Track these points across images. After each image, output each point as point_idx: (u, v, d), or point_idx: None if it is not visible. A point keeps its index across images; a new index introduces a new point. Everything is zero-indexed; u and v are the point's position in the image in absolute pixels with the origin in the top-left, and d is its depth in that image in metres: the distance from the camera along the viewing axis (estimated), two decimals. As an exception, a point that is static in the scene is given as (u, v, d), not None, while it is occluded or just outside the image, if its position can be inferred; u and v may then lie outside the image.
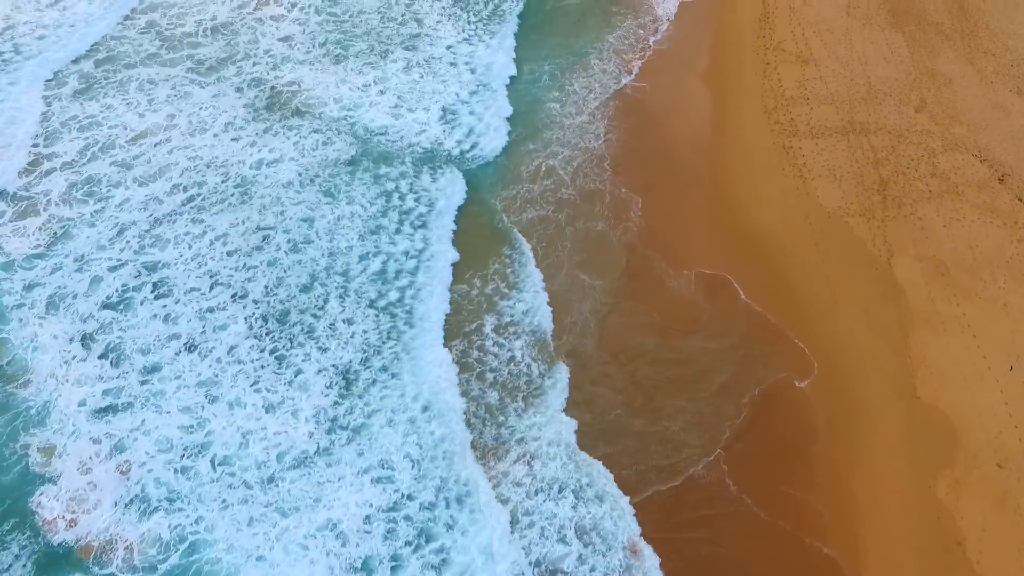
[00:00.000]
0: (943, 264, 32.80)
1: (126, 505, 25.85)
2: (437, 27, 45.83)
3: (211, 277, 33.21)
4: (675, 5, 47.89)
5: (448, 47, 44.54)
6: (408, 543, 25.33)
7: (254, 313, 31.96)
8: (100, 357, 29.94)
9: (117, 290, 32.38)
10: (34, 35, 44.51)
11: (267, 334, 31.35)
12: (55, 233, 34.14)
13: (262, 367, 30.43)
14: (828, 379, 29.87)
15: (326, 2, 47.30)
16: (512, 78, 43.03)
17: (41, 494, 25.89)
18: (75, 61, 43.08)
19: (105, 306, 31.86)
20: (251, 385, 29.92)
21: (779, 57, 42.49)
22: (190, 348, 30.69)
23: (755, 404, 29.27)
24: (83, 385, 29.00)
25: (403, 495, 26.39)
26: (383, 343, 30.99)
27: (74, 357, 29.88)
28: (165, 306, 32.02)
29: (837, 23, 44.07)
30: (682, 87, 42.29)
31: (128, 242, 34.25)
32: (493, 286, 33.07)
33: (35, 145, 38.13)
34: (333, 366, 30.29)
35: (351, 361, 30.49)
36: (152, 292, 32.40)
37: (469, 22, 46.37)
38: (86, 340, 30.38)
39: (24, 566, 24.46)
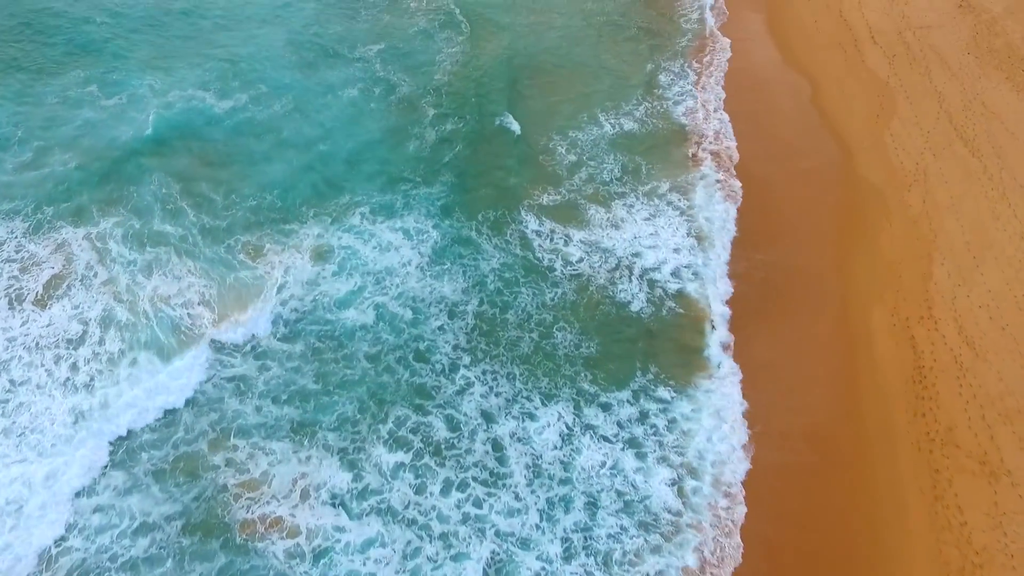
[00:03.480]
0: None
1: None
2: (453, 372, 34.49)
3: None
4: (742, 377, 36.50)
5: (485, 418, 32.93)
6: None
7: None
8: None
9: None
10: None
11: None
12: None
13: None
14: None
15: (305, 320, 36.03)
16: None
17: None
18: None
19: None
20: None
21: (952, 460, 30.93)
22: None
23: None
24: None
25: None
26: None
27: None
28: None
29: (1030, 396, 32.54)
30: (800, 481, 30.67)
31: None
32: None
33: None
34: None
35: None
36: None
37: (501, 363, 34.95)
38: None
39: None
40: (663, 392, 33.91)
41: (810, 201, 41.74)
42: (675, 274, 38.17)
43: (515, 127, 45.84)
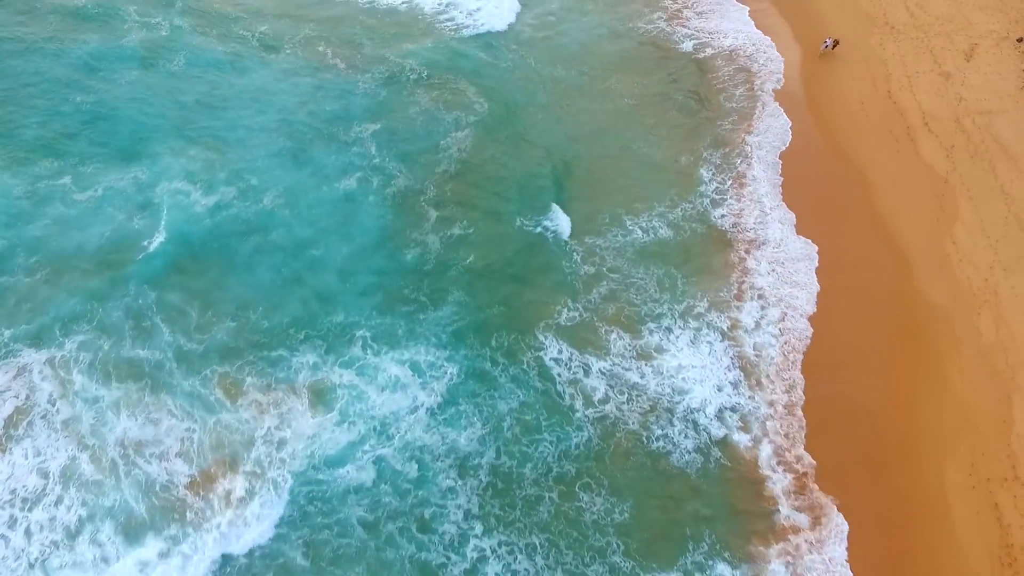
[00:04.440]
0: None
1: None
2: (463, 545, 30.54)
3: None
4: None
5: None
6: None
7: None
8: None
9: None
10: None
11: None
12: None
13: None
14: None
15: (294, 479, 31.87)
16: None
17: None
18: None
19: None
20: None
21: (1057, 670, 26.62)
22: None
23: None
24: None
25: None
26: None
27: None
28: None
29: None
30: None
31: None
32: None
33: None
34: None
35: None
36: None
37: (519, 533, 30.87)
38: None
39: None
40: (722, 568, 29.84)
41: (866, 323, 37.73)
42: (720, 418, 34.12)
43: (539, 231, 42.05)
